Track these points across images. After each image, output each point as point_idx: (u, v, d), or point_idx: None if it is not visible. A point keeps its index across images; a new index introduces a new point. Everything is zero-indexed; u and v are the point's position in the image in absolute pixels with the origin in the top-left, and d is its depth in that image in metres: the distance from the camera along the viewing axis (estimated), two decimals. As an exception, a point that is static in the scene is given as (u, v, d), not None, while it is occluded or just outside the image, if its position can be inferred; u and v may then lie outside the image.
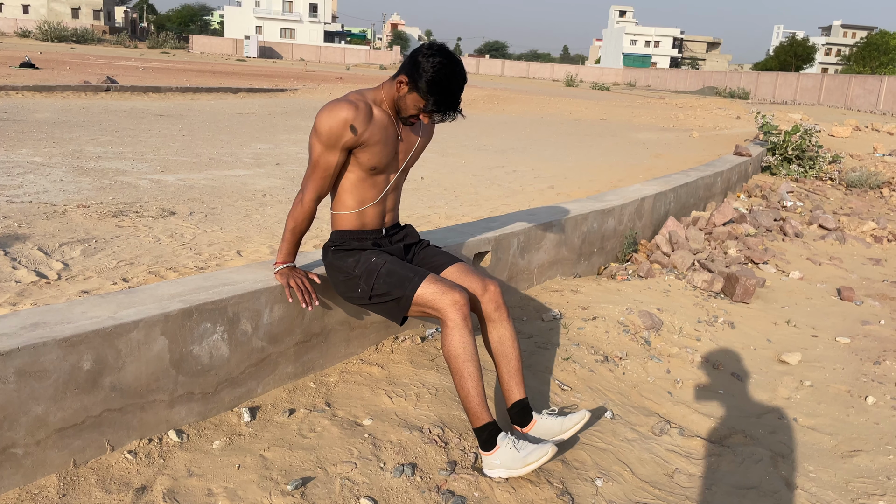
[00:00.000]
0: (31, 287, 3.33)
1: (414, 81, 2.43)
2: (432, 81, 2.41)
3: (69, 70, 21.64)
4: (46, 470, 2.05)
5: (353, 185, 2.60)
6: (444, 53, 2.43)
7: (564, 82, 56.37)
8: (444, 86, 2.42)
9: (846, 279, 5.86)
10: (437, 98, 2.43)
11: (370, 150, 2.52)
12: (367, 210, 2.64)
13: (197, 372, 2.40)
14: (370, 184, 2.61)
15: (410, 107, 2.51)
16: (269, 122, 12.39)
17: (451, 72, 2.43)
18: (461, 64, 2.48)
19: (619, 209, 5.28)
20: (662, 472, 2.69)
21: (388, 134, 2.56)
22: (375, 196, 2.64)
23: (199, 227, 4.73)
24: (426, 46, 2.46)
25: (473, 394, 2.40)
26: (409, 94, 2.48)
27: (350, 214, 2.63)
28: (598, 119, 19.62)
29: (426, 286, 2.47)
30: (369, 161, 2.54)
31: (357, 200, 2.62)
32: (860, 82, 40.47)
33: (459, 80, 2.47)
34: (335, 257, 2.66)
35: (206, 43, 73.12)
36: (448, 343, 2.42)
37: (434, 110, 2.46)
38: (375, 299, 2.57)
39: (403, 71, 2.48)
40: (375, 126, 2.52)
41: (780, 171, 10.80)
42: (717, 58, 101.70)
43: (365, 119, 2.48)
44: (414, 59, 2.45)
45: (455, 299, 2.43)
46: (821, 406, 3.47)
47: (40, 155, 7.11)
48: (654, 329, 3.99)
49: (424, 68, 2.40)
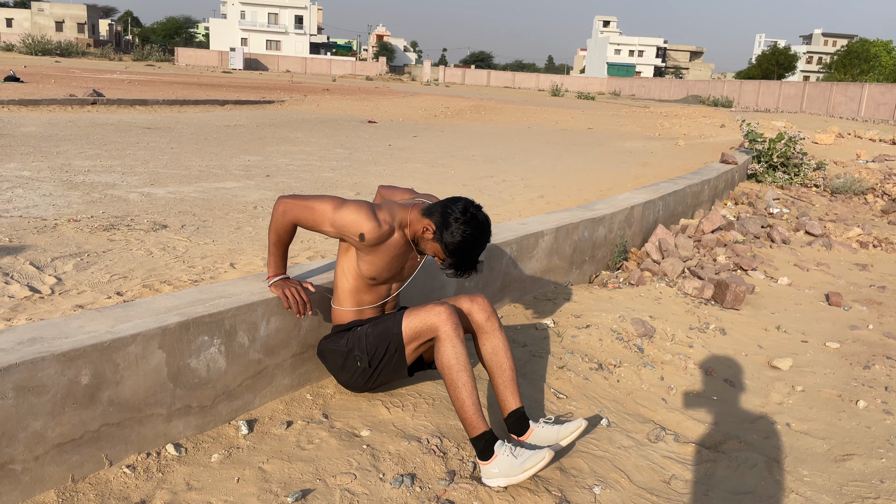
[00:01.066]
0: (25, 302, 3.31)
1: (440, 235, 2.50)
2: (457, 248, 2.49)
3: (54, 83, 21.53)
4: (45, 486, 2.04)
5: (353, 289, 2.67)
6: (476, 224, 2.48)
7: (550, 92, 56.71)
8: (468, 254, 2.51)
9: (834, 285, 5.93)
10: (458, 261, 2.52)
11: (371, 263, 2.58)
12: (366, 310, 2.72)
13: (194, 385, 2.40)
14: (371, 290, 2.68)
15: (430, 251, 2.60)
16: (257, 134, 12.38)
17: (478, 244, 2.51)
18: (489, 232, 2.54)
19: (608, 218, 5.32)
20: (659, 479, 2.71)
21: (399, 253, 2.61)
22: (374, 301, 2.71)
23: (192, 239, 4.72)
24: (461, 209, 2.49)
25: (468, 403, 2.42)
26: (432, 242, 2.55)
27: (349, 311, 2.70)
28: (584, 128, 19.74)
29: (409, 316, 2.56)
30: (368, 272, 2.60)
31: (356, 302, 2.69)
32: (842, 90, 40.97)
33: (482, 248, 2.55)
34: (327, 342, 2.73)
35: (191, 55, 72.96)
36: (441, 355, 2.46)
37: (450, 266, 2.55)
38: (375, 361, 2.61)
39: (433, 218, 2.52)
40: (386, 247, 2.56)
41: (766, 179, 10.91)
42: (701, 66, 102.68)
43: (377, 240, 2.52)
44: (446, 215, 2.49)
45: (440, 311, 2.49)
46: (813, 411, 3.51)
47: (29, 169, 7.07)
48: (646, 336, 4.01)
49: (454, 232, 2.47)
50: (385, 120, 17.96)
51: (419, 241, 2.61)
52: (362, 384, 2.70)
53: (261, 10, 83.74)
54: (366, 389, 2.76)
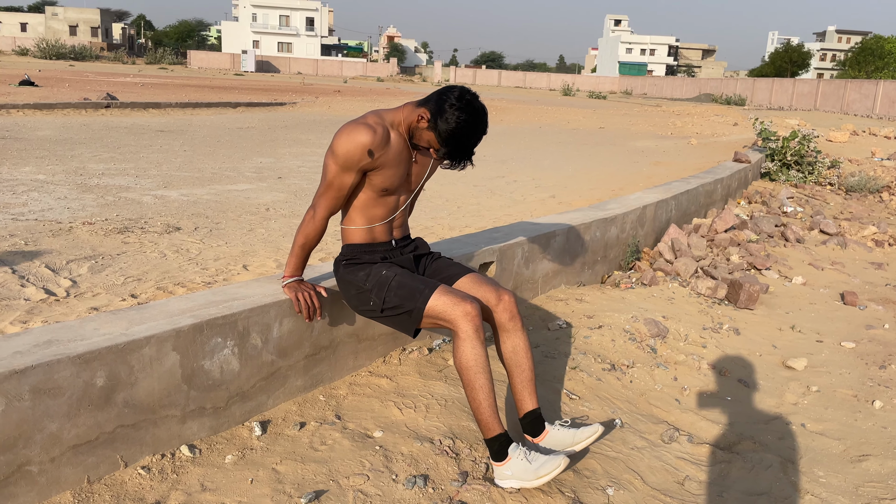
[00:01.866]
0: (41, 304, 3.34)
1: (435, 122, 2.43)
2: (451, 133, 2.42)
3: (68, 87, 21.72)
4: (61, 487, 2.06)
5: (363, 204, 2.62)
6: (471, 110, 2.42)
7: (561, 91, 56.59)
8: (462, 141, 2.44)
9: (849, 284, 5.88)
10: (453, 148, 2.45)
11: (384, 174, 2.54)
12: (377, 227, 2.66)
13: (208, 387, 2.41)
14: (381, 203, 2.63)
15: (424, 141, 2.52)
16: (269, 136, 12.43)
17: (473, 130, 2.43)
18: (485, 121, 2.48)
19: (621, 217, 5.30)
20: (673, 480, 2.69)
21: (403, 157, 2.57)
22: (386, 215, 2.66)
23: (205, 241, 4.74)
24: (456, 96, 2.43)
25: (485, 405, 2.41)
26: (427, 131, 2.48)
27: (360, 230, 2.65)
28: (596, 128, 19.69)
29: (437, 297, 2.48)
30: (382, 183, 2.56)
31: (367, 218, 2.64)
32: (856, 87, 40.63)
33: (478, 137, 2.47)
34: (346, 271, 2.68)
35: (203, 58, 73.40)
36: (460, 354, 2.43)
37: (445, 155, 2.48)
38: (387, 312, 2.58)
39: (428, 106, 2.47)
40: (391, 150, 2.52)
41: (780, 177, 10.84)
42: (713, 65, 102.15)
43: (382, 143, 2.48)
44: (441, 102, 2.43)
45: (467, 310, 2.43)
46: (828, 411, 3.48)
47: (44, 172, 7.14)
48: (659, 337, 4.00)
49: (448, 118, 2.40)
50: (396, 121, 17.97)
51: (414, 134, 2.53)
52: (367, 316, 2.69)
53: (272, 12, 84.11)
54: (368, 318, 2.73)
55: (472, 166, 2.61)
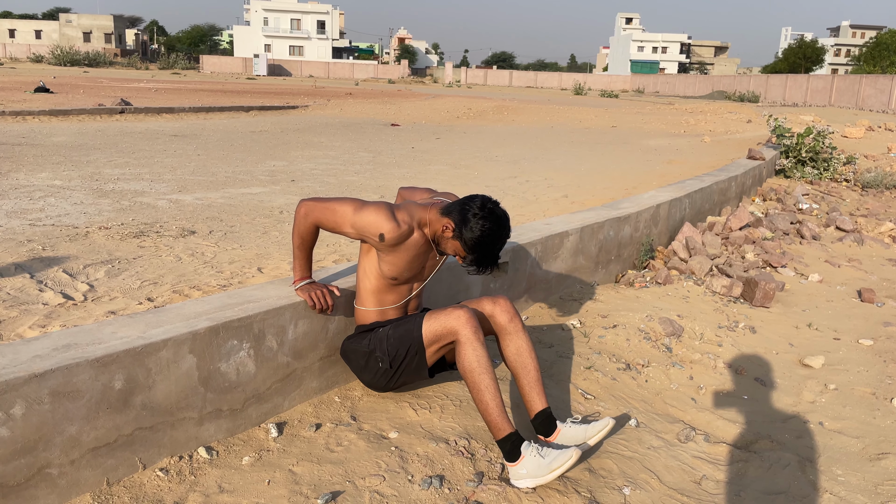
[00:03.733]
0: (59, 309, 3.38)
1: (460, 232, 2.50)
2: (477, 243, 2.49)
3: (83, 93, 21.92)
4: (81, 489, 2.08)
5: (375, 289, 2.68)
6: (494, 219, 2.48)
7: (573, 91, 56.43)
8: (488, 248, 2.50)
9: (866, 281, 5.82)
10: (479, 256, 2.52)
11: (392, 263, 2.60)
12: (389, 310, 2.73)
13: (225, 389, 2.43)
14: (392, 290, 2.70)
15: (449, 250, 2.60)
16: (282, 140, 12.49)
17: (497, 238, 2.51)
18: (508, 227, 2.54)
19: (634, 216, 5.29)
20: (689, 479, 2.68)
21: (419, 253, 2.62)
22: (396, 301, 2.73)
23: (219, 245, 4.78)
24: (479, 205, 2.50)
25: (492, 405, 2.42)
26: (452, 241, 2.55)
27: (372, 311, 2.72)
28: (608, 127, 19.62)
29: (429, 319, 2.56)
30: (389, 272, 2.62)
31: (378, 302, 2.71)
32: (871, 82, 40.23)
33: (503, 241, 2.54)
34: (349, 342, 2.75)
35: (216, 62, 73.83)
36: (462, 358, 2.46)
37: (471, 263, 2.55)
38: (396, 363, 2.62)
39: (452, 217, 2.53)
40: (406, 247, 2.57)
41: (795, 174, 10.75)
42: (726, 62, 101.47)
43: (396, 241, 2.53)
44: (464, 212, 2.49)
45: (459, 315, 2.49)
46: (846, 409, 3.45)
47: (60, 178, 7.21)
48: (674, 335, 3.98)
49: (472, 228, 2.47)
50: (408, 122, 18.01)
51: (440, 241, 2.62)
52: (384, 384, 2.71)
53: (283, 16, 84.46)
54: (388, 389, 2.77)
55: (499, 271, 2.67)
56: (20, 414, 1.90)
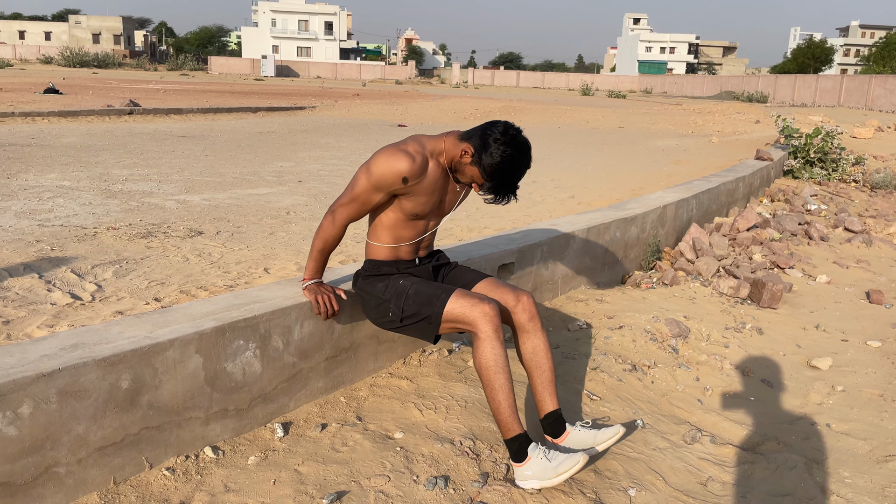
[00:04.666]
0: (67, 309, 3.40)
1: (479, 157, 2.44)
2: (496, 168, 2.42)
3: (92, 94, 22.04)
4: (88, 488, 2.09)
5: (391, 224, 2.63)
6: (516, 145, 2.42)
7: (580, 91, 56.36)
8: (507, 176, 2.44)
9: (875, 282, 5.79)
10: (498, 183, 2.46)
11: (416, 200, 2.55)
12: (403, 247, 2.68)
13: (231, 389, 2.44)
14: (410, 225, 2.64)
15: (468, 176, 2.52)
16: (289, 140, 12.52)
17: (518, 165, 2.44)
18: (529, 155, 2.48)
19: (641, 217, 5.28)
20: (695, 481, 2.68)
21: (438, 186, 2.58)
22: (413, 237, 2.67)
23: (227, 245, 4.79)
24: (501, 130, 2.43)
25: (504, 405, 2.41)
26: (470, 166, 2.48)
27: (385, 247, 2.67)
28: (615, 127, 19.59)
29: (455, 301, 2.49)
30: (413, 209, 2.57)
31: (394, 238, 2.65)
32: (880, 82, 40.01)
33: (523, 169, 2.48)
34: (364, 283, 2.70)
35: (224, 64, 74.11)
36: (479, 355, 2.43)
37: (490, 190, 2.48)
38: (406, 321, 2.59)
39: (472, 141, 2.46)
40: (427, 180, 2.53)
41: (803, 175, 10.70)
42: (734, 62, 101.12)
43: (418, 173, 2.49)
44: (486, 137, 2.43)
45: (485, 311, 2.44)
46: (854, 411, 3.43)
47: (69, 179, 7.25)
48: (681, 337, 3.97)
49: (493, 153, 2.41)
50: (415, 123, 18.03)
51: (457, 168, 2.54)
52: (387, 328, 2.71)
53: (291, 17, 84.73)
54: (388, 330, 2.75)
55: (515, 200, 2.61)
56: (28, 413, 1.92)
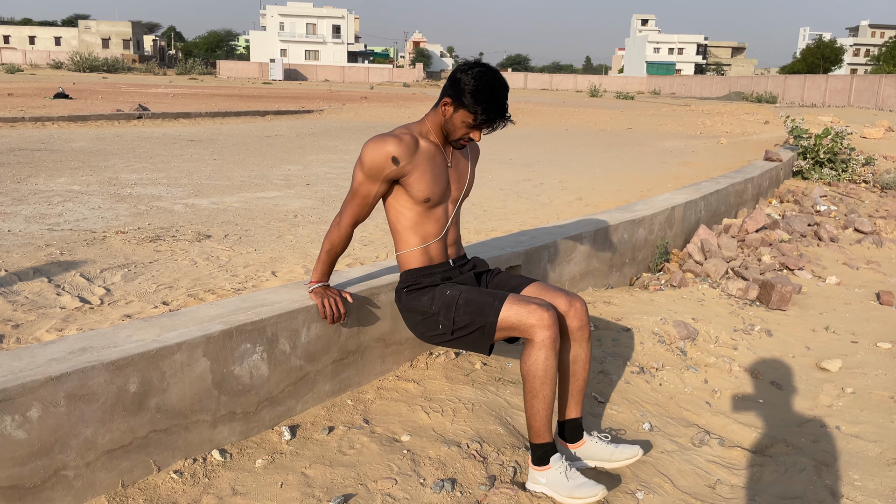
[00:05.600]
0: (76, 312, 3.42)
1: (458, 98, 2.46)
2: (476, 91, 2.42)
3: (102, 99, 22.18)
4: (96, 491, 2.10)
5: (413, 223, 2.61)
6: (481, 64, 2.48)
7: (588, 93, 56.29)
8: (489, 93, 2.43)
9: (885, 283, 5.75)
10: (485, 106, 2.44)
11: (419, 180, 2.54)
12: (431, 246, 2.65)
13: (238, 392, 2.44)
14: (430, 219, 2.62)
15: (459, 126, 2.52)
16: (297, 144, 12.56)
17: (493, 78, 2.45)
18: (500, 72, 2.50)
19: (649, 219, 5.26)
20: (704, 484, 2.66)
21: (437, 162, 2.58)
22: (437, 231, 2.64)
23: (234, 249, 4.81)
24: (462, 64, 2.49)
25: (542, 414, 2.38)
26: (456, 113, 2.49)
27: (415, 252, 2.64)
28: (623, 129, 19.55)
29: (509, 307, 2.43)
30: (421, 192, 2.55)
31: (420, 237, 2.63)
32: (891, 82, 39.77)
33: (503, 86, 2.48)
34: (409, 298, 2.66)
35: (232, 67, 74.44)
36: (531, 362, 2.37)
37: (484, 119, 2.47)
38: (458, 333, 2.54)
39: (445, 93, 2.50)
40: (420, 156, 2.53)
41: (813, 176, 10.65)
42: (743, 62, 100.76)
43: (408, 151, 2.50)
44: (453, 78, 2.48)
45: (543, 317, 2.37)
46: (864, 413, 3.41)
47: (78, 183, 7.30)
48: (689, 339, 3.96)
49: (465, 82, 2.43)
50: (423, 126, 18.02)
51: (448, 130, 2.55)
52: (436, 342, 2.66)
53: (299, 20, 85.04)
54: (437, 345, 2.71)
55: (512, 123, 2.59)
56: (36, 416, 1.93)
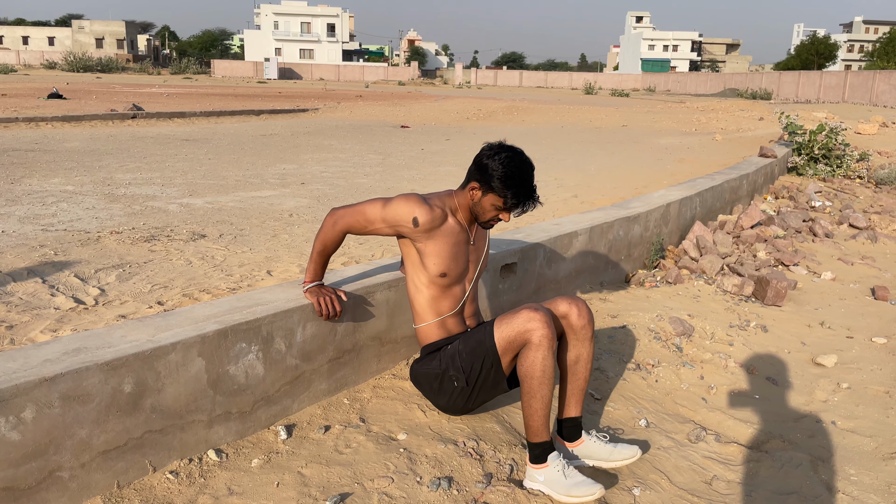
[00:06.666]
0: (70, 313, 3.41)
1: (487, 183, 2.49)
2: (505, 177, 2.46)
3: (96, 99, 22.11)
4: (91, 492, 2.09)
5: (429, 300, 2.64)
6: (507, 148, 2.50)
7: (583, 90, 56.30)
8: (518, 177, 2.47)
9: (880, 278, 5.77)
10: (515, 191, 2.48)
11: (436, 254, 2.56)
12: (447, 319, 2.68)
13: (234, 391, 2.44)
14: (447, 295, 2.65)
15: (489, 209, 2.55)
16: (292, 143, 12.54)
17: (521, 162, 2.49)
18: (524, 153, 2.53)
19: (644, 216, 5.27)
20: (700, 480, 2.67)
21: (459, 241, 2.61)
22: (452, 307, 2.67)
23: (229, 248, 4.80)
24: (487, 148, 2.51)
25: (540, 414, 2.38)
26: (485, 197, 2.53)
27: (432, 326, 2.67)
28: (618, 126, 19.56)
29: (499, 326, 2.47)
30: (437, 266, 2.57)
31: (435, 312, 2.66)
32: (885, 78, 39.87)
33: (530, 169, 2.52)
34: (419, 366, 2.70)
35: (227, 67, 74.26)
36: (528, 363, 2.37)
37: (514, 204, 2.50)
38: (472, 379, 2.55)
39: (472, 178, 2.53)
40: (442, 231, 2.57)
41: (807, 172, 10.68)
42: (738, 59, 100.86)
43: (432, 223, 2.54)
44: (479, 163, 2.50)
45: (533, 317, 2.38)
46: (859, 408, 3.42)
47: (72, 183, 7.27)
48: (685, 335, 3.96)
49: (493, 168, 2.46)
50: (417, 124, 18.03)
51: (477, 212, 2.58)
52: (462, 405, 2.63)
53: (294, 19, 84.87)
54: (466, 411, 2.69)
55: (541, 204, 2.62)
56: (31, 417, 1.92)
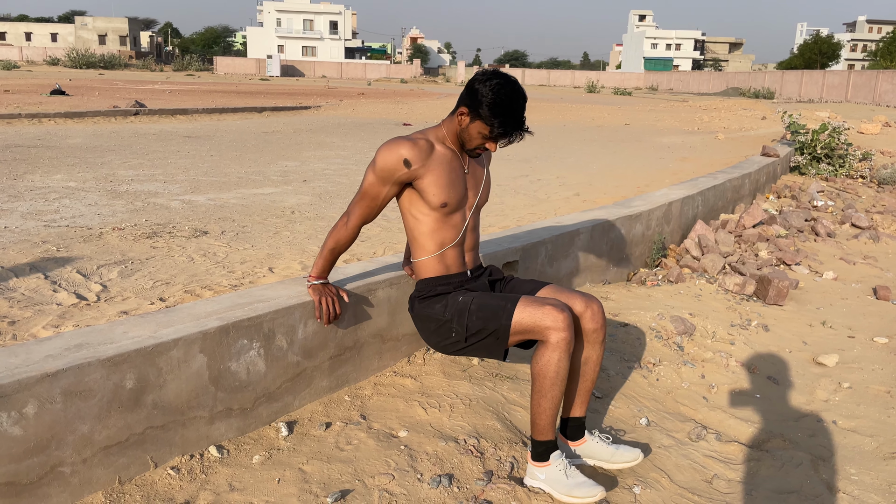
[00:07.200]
0: (72, 309, 3.41)
1: (475, 109, 2.41)
2: (494, 104, 2.38)
3: (98, 96, 22.12)
4: (93, 487, 2.10)
5: (430, 230, 2.58)
6: (500, 75, 2.42)
7: (585, 89, 56.24)
8: (507, 106, 2.39)
9: (882, 278, 5.76)
10: (502, 119, 2.40)
11: (434, 185, 2.50)
12: (448, 252, 2.61)
13: (235, 388, 2.44)
14: (447, 225, 2.59)
15: (475, 136, 2.49)
16: (294, 140, 12.54)
17: (512, 90, 2.40)
18: (518, 83, 2.45)
19: (646, 214, 5.26)
20: (701, 479, 2.67)
21: (454, 167, 2.55)
22: (454, 237, 2.61)
23: (231, 245, 4.80)
24: (480, 73, 2.44)
25: (549, 413, 2.37)
26: (472, 124, 2.46)
27: (432, 259, 2.61)
28: (621, 124, 19.54)
29: (522, 309, 2.40)
30: (437, 197, 2.52)
31: (437, 243, 2.59)
32: (888, 77, 39.79)
33: (521, 99, 2.43)
34: (421, 306, 2.64)
35: (229, 64, 74.25)
36: (543, 362, 2.34)
37: (501, 133, 2.43)
38: (472, 339, 2.51)
39: (462, 102, 2.46)
40: (435, 161, 2.51)
41: (810, 171, 10.66)
42: (740, 58, 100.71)
43: (422, 155, 2.47)
44: (470, 87, 2.43)
45: (557, 318, 2.33)
46: (860, 408, 3.42)
47: (75, 180, 7.28)
48: (686, 334, 3.96)
49: (483, 93, 2.38)
50: (420, 122, 18.02)
51: (464, 138, 2.52)
52: (451, 351, 2.62)
53: (296, 17, 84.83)
54: (454, 354, 2.68)
55: (531, 135, 2.53)
56: (33, 413, 1.92)
